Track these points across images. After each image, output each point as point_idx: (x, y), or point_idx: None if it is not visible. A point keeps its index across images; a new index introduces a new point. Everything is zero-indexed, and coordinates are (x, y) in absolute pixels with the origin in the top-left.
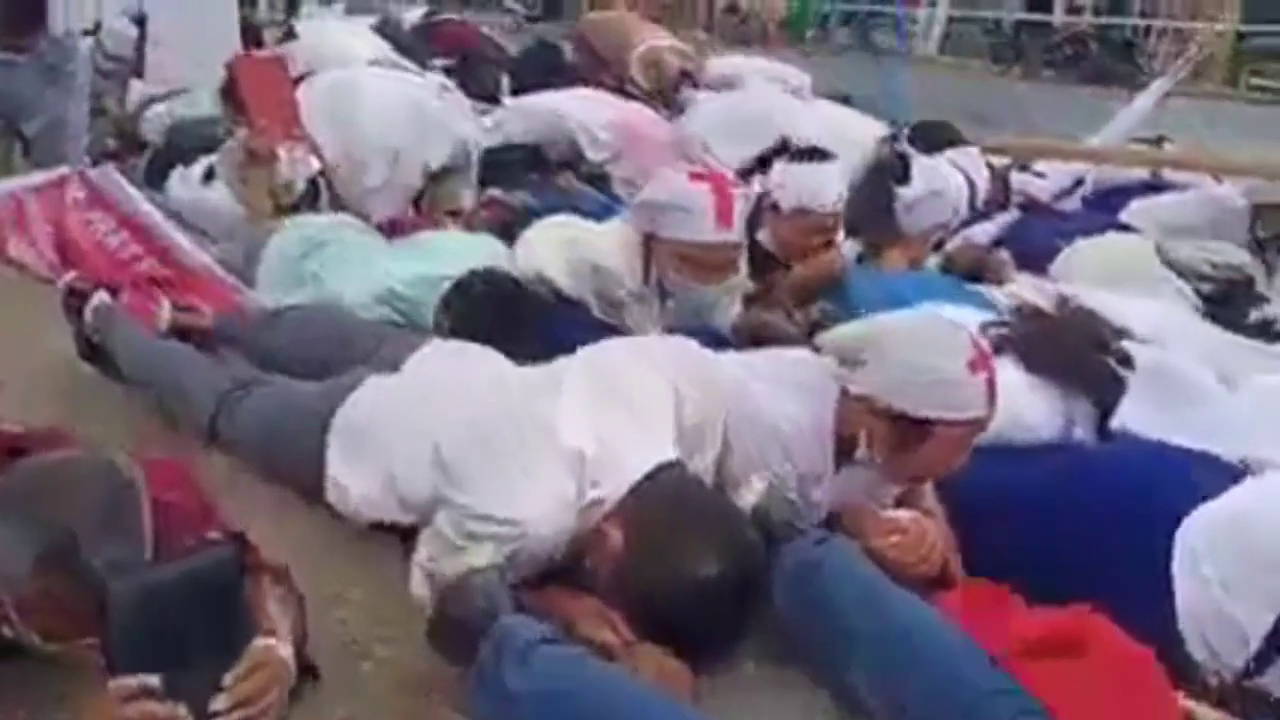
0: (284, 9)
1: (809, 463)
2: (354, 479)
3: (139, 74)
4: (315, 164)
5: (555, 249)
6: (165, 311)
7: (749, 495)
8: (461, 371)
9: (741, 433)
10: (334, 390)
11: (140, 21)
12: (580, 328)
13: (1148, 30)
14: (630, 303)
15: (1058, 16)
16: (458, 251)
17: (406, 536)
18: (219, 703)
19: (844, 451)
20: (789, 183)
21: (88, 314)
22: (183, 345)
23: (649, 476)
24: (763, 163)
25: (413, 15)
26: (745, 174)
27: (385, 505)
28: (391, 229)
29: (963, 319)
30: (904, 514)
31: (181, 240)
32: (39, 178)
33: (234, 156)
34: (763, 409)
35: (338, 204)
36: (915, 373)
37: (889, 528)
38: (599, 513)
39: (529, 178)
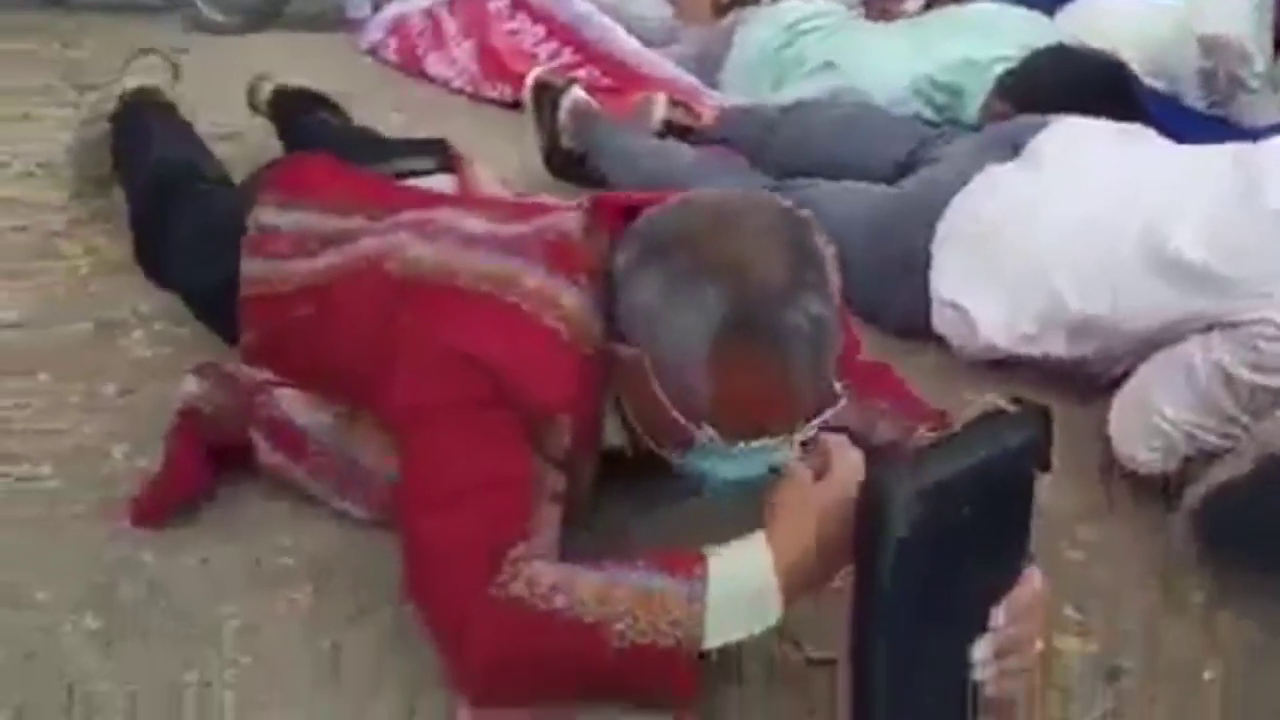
0: None
1: None
2: (983, 300)
3: None
4: None
5: (1127, 19)
6: (659, 107)
7: None
8: (1141, 150)
9: None
10: (921, 192)
11: None
12: (1185, 122)
13: None
14: (1255, 87)
15: None
16: (999, 27)
17: None
18: (981, 649)
19: None
20: None
21: (562, 115)
22: (685, 147)
23: None
24: None
25: None
26: None
27: (1044, 329)
28: None
29: None
30: None
31: (627, 43)
32: None
33: None
34: None
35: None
36: None
37: None
38: None
39: None
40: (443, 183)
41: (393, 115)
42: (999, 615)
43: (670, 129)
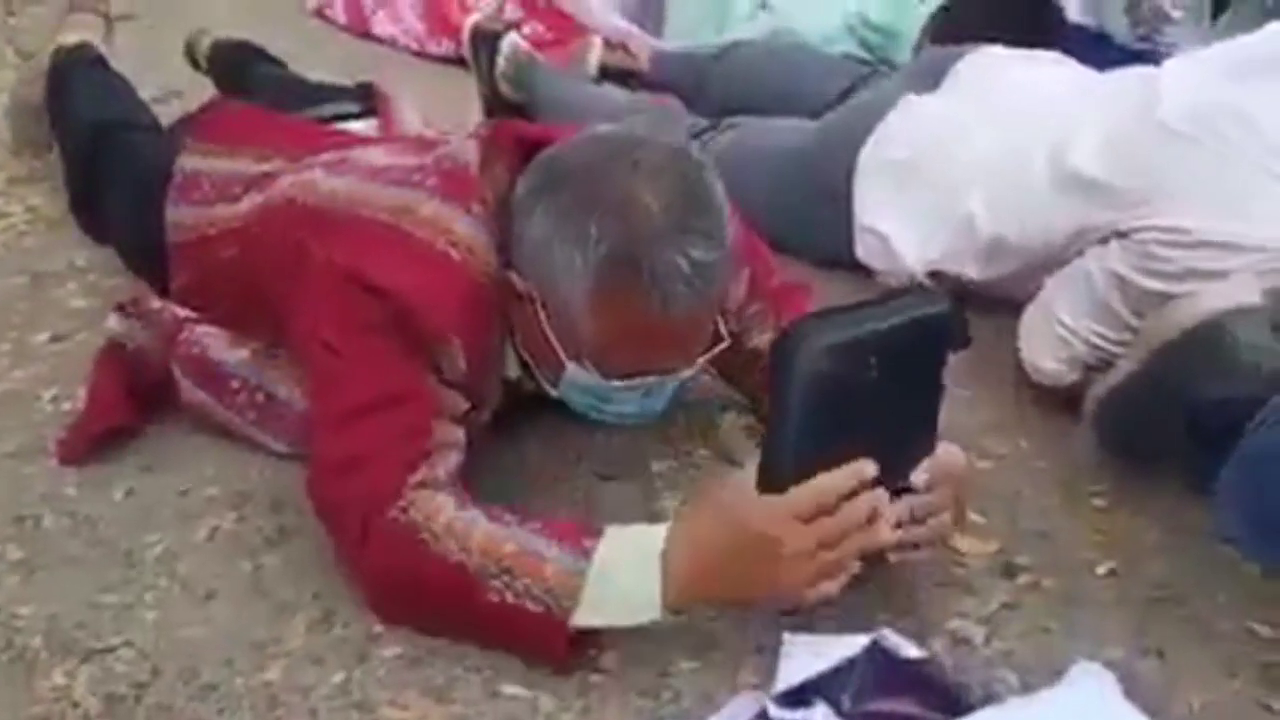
0: None
1: None
2: (901, 225)
3: None
4: None
5: None
6: (595, 51)
7: None
8: (1054, 74)
9: None
10: (842, 123)
11: None
12: (1113, 59)
13: None
14: (1178, 18)
15: None
16: None
17: None
18: (896, 510)
19: None
20: None
21: (500, 61)
22: (620, 91)
23: None
24: None
25: None
26: None
27: (958, 252)
28: None
29: None
30: None
31: None
32: None
33: None
34: None
35: None
36: None
37: None
38: None
39: None
40: (367, 126)
41: (337, 74)
42: (920, 477)
43: (607, 73)
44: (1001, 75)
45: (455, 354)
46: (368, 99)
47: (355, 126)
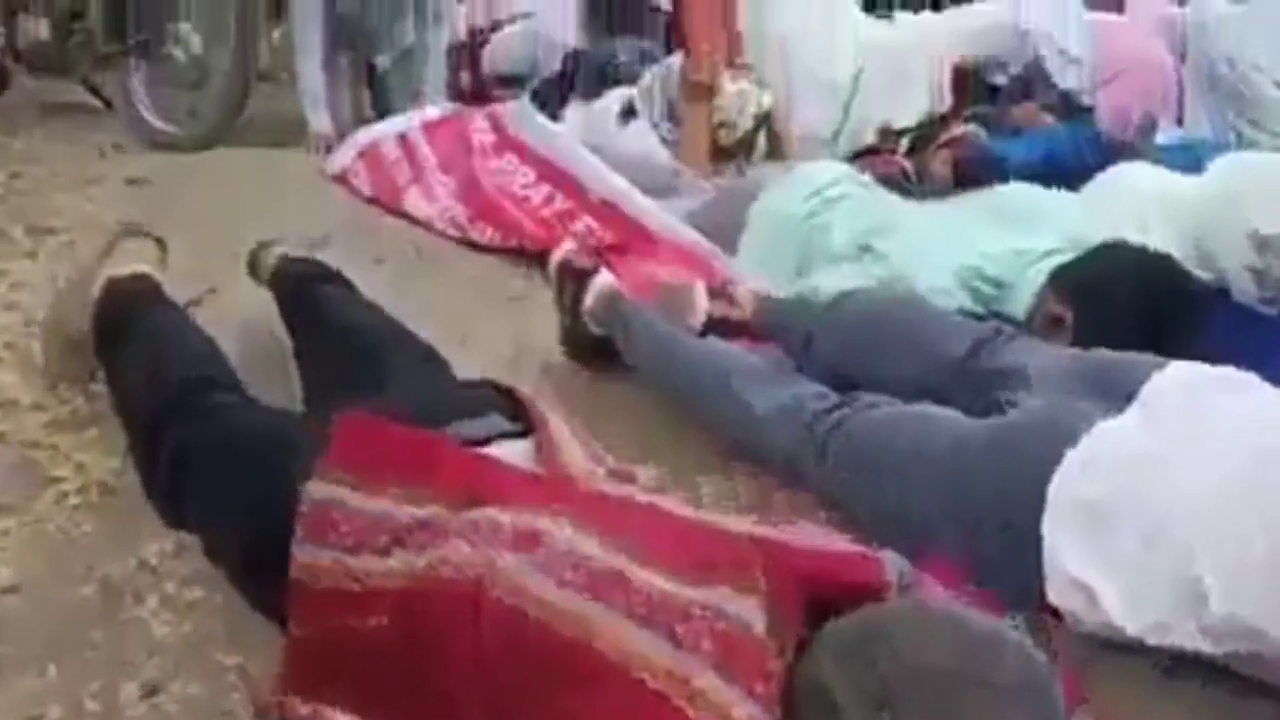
0: None
1: None
2: (1108, 578)
3: None
4: (765, 100)
5: (1161, 202)
6: (700, 298)
7: None
8: (1271, 404)
9: None
10: (1023, 445)
11: None
12: (1242, 322)
13: None
14: None
15: None
16: (1040, 215)
17: None
18: None
19: None
20: None
21: (589, 300)
22: (730, 347)
23: None
24: None
25: None
26: None
27: (1180, 622)
28: None
29: None
30: None
31: (630, 194)
32: (433, 113)
33: (666, 90)
34: None
35: (775, 150)
36: None
37: None
38: None
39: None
40: (522, 450)
41: (376, 269)
42: None
43: (709, 321)
44: (1212, 404)
45: None
46: (511, 404)
47: (510, 449)
